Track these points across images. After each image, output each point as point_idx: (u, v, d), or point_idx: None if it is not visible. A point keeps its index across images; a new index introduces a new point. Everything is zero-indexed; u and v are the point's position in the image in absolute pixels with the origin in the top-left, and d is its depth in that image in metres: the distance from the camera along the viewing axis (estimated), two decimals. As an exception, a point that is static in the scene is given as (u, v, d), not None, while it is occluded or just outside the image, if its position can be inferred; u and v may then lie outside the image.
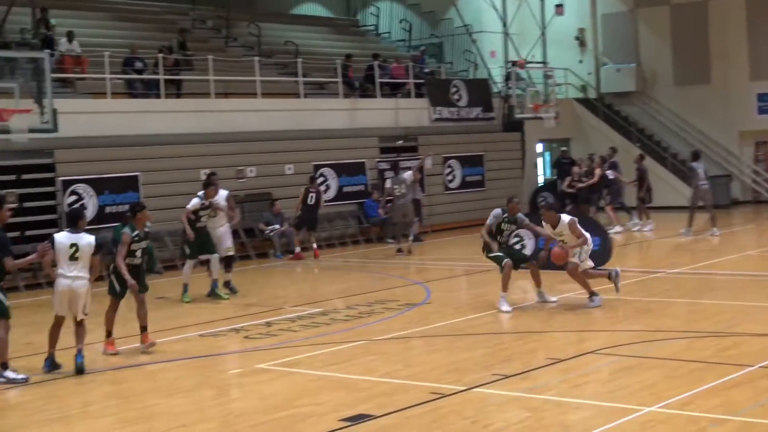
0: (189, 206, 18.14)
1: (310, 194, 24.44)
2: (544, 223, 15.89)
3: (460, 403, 10.14)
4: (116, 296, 13.80)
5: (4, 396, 11.67)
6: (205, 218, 18.19)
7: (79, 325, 12.54)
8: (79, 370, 12.30)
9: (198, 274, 18.83)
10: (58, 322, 12.66)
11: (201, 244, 18.17)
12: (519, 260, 16.21)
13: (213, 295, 18.21)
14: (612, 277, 15.94)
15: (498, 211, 15.99)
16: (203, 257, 18.26)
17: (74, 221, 12.61)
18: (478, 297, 17.32)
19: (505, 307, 15.48)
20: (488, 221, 15.98)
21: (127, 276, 13.52)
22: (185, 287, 18.12)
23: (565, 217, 15.71)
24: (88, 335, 12.68)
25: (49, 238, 12.60)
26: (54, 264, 12.52)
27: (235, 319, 16.00)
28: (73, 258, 12.29)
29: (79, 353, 12.39)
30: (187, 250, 18.26)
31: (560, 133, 34.86)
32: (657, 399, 9.86)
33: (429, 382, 11.06)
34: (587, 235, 15.82)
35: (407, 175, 24.84)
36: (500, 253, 15.87)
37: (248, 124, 25.83)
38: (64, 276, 12.34)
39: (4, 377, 12.15)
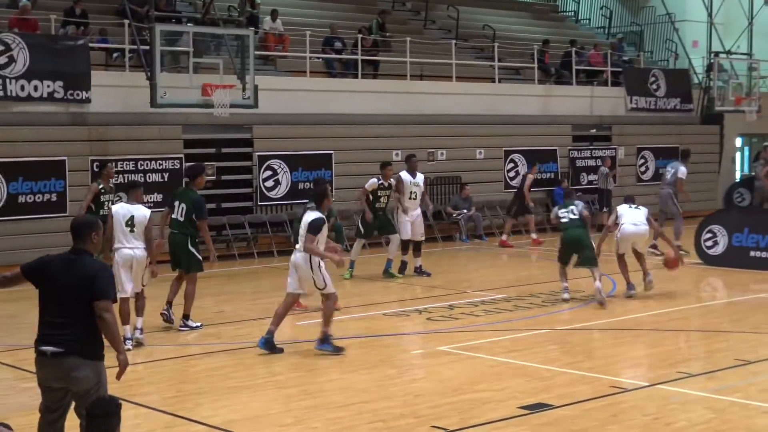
0: (366, 185, 18.43)
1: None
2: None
3: (641, 399, 9.98)
4: None
5: (194, 361, 12.15)
6: (384, 199, 18.45)
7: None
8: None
9: (378, 253, 19.09)
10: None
11: (380, 225, 18.48)
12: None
13: (386, 274, 18.46)
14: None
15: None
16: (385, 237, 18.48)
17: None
18: (663, 292, 16.94)
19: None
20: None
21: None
22: (352, 264, 18.39)
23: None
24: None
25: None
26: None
27: (419, 300, 16.15)
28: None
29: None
30: (362, 230, 18.58)
31: (762, 128, 33.62)
32: None
33: (610, 375, 10.92)
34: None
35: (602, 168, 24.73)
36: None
37: (442, 107, 25.93)
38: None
39: (187, 326, 13.62)
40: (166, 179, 20.92)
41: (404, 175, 18.76)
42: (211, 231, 19.02)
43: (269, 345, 12.25)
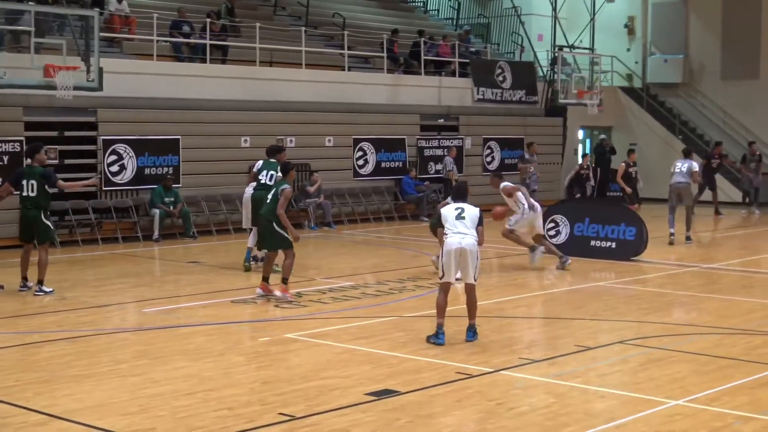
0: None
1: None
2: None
3: (486, 385, 10.15)
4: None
5: (35, 349, 11.82)
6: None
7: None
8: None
9: (234, 241, 18.94)
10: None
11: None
12: None
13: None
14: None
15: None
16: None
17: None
18: (508, 280, 17.30)
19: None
20: None
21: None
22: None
23: (505, 183, 18.47)
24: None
25: None
26: None
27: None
28: (459, 218, 12.11)
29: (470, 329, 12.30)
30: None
31: (603, 121, 34.68)
32: (684, 393, 9.82)
33: (456, 362, 11.07)
34: (523, 204, 18.09)
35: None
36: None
37: (291, 94, 25.85)
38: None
39: (42, 291, 14.66)
40: (5, 162, 20.27)
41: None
42: (53, 216, 18.68)
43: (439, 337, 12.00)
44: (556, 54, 32.52)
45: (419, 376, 10.45)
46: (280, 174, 16.45)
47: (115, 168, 22.35)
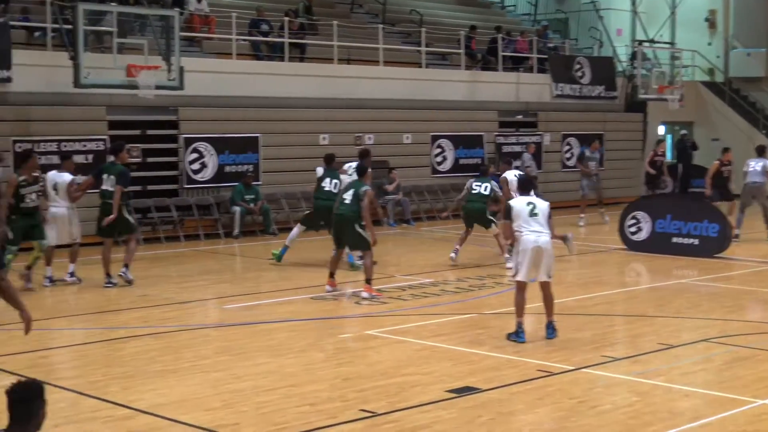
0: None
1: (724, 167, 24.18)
2: None
3: (567, 383, 10.08)
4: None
5: (121, 344, 12.01)
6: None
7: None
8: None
9: (313, 238, 19.06)
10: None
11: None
12: None
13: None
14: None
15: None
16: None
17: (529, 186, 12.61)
18: (587, 277, 17.15)
19: None
20: None
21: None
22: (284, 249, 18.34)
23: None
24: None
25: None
26: None
27: (347, 284, 16.12)
28: (532, 214, 12.06)
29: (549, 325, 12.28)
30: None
31: (684, 116, 34.20)
32: (771, 392, 9.67)
33: (537, 359, 11.01)
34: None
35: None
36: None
37: (369, 91, 25.90)
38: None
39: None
40: (89, 160, 20.60)
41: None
42: (137, 213, 19.07)
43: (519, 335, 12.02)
44: (636, 49, 32.15)
45: (500, 374, 10.41)
46: (343, 178, 16.93)
47: (196, 166, 22.62)
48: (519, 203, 12.22)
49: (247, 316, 13.69)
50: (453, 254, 18.30)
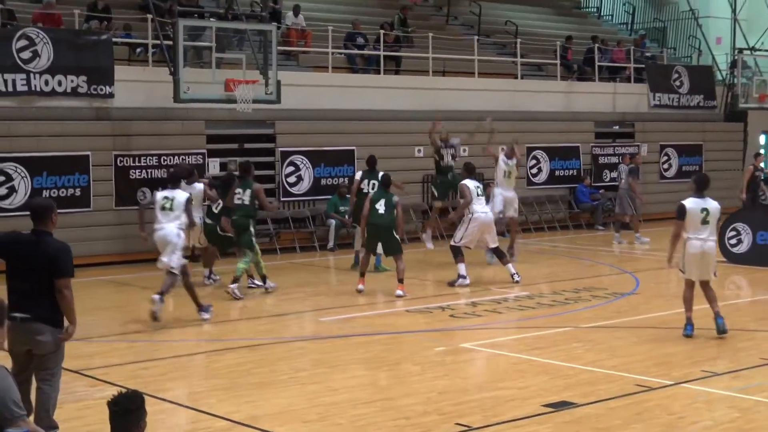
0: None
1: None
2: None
3: (666, 398, 9.93)
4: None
5: (217, 356, 12.17)
6: None
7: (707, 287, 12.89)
8: (722, 331, 12.72)
9: (409, 250, 19.09)
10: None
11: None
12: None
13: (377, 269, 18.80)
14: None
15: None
16: None
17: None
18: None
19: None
20: None
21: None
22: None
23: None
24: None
25: None
26: None
27: (442, 297, 16.12)
28: (704, 222, 12.59)
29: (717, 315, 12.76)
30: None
31: (786, 125, 33.44)
32: None
33: (634, 374, 10.87)
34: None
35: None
36: None
37: (464, 103, 25.85)
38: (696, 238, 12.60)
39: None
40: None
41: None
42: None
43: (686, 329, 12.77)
44: (736, 57, 31.55)
45: (596, 388, 10.30)
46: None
47: (292, 179, 22.84)
48: (693, 206, 12.58)
49: (342, 329, 13.78)
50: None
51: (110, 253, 20.08)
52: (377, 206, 16.36)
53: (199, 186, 16.74)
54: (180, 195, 14.43)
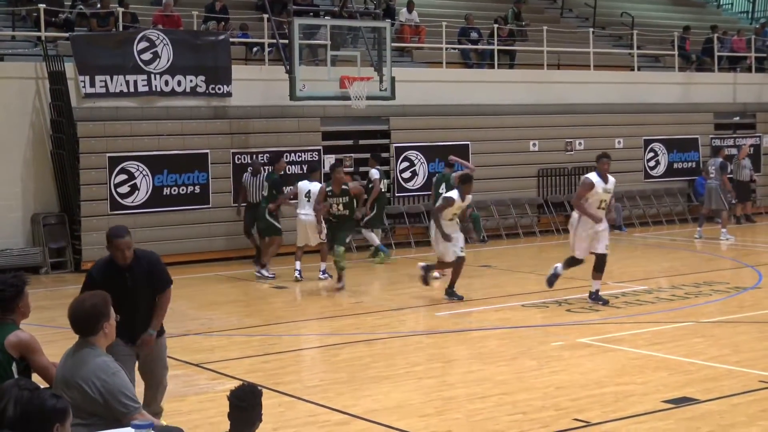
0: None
1: None
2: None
3: (791, 395, 9.70)
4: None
5: (335, 350, 12.28)
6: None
7: None
8: None
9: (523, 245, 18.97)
10: None
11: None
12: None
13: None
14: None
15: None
16: None
17: None
18: (815, 285, 16.43)
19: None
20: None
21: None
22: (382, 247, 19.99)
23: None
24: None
25: None
26: None
27: (558, 291, 15.96)
28: None
29: None
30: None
31: None
32: None
33: (758, 369, 10.62)
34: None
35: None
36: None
37: (579, 96, 25.59)
38: None
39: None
40: (305, 171, 21.13)
41: (593, 177, 15.09)
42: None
43: None
44: None
45: (719, 384, 10.10)
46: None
47: (407, 174, 22.91)
48: None
49: (458, 324, 13.78)
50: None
51: (229, 249, 20.43)
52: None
53: (317, 185, 17.41)
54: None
